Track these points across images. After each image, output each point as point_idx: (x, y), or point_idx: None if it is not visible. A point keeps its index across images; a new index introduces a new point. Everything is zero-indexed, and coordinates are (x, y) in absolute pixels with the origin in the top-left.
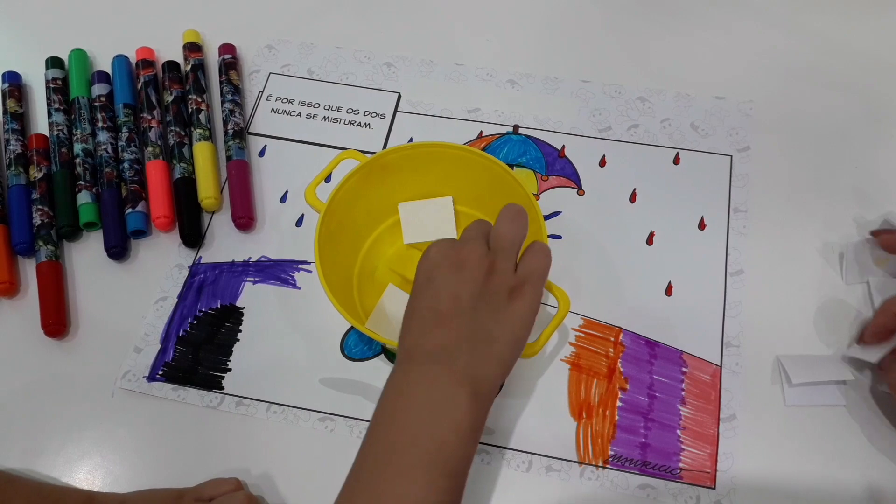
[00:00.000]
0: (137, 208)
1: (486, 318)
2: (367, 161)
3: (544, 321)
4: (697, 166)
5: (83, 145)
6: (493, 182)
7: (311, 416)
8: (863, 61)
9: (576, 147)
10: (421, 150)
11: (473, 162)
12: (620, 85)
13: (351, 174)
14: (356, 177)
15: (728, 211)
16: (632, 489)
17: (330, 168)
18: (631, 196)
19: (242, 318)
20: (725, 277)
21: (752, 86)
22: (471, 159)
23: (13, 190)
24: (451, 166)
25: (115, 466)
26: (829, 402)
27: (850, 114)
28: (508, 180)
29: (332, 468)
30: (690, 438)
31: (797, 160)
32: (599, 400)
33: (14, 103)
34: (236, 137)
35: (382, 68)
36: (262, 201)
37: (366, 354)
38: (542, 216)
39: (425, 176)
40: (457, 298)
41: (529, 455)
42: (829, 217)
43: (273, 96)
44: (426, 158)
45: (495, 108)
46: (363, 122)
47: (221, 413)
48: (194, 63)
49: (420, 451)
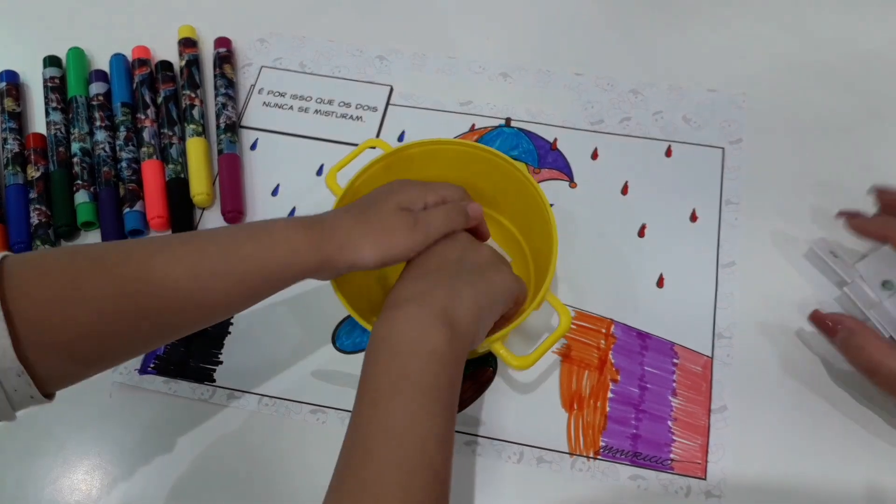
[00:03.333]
0: (135, 208)
1: (465, 275)
2: (391, 151)
3: (541, 334)
4: (689, 159)
5: (81, 144)
6: (512, 185)
7: (303, 409)
8: (856, 54)
9: (568, 140)
10: (446, 146)
11: (496, 165)
12: (613, 78)
13: (373, 162)
14: (378, 166)
15: (720, 203)
16: (623, 480)
17: (355, 153)
18: (623, 188)
19: None
20: (717, 269)
21: (745, 78)
22: (495, 162)
23: (10, 189)
24: (474, 166)
25: (112, 467)
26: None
27: (842, 106)
28: (528, 187)
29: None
30: (681, 430)
31: (789, 152)
32: (591, 391)
33: (12, 102)
34: (228, 131)
35: (374, 61)
36: (253, 195)
37: (357, 347)
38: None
39: (446, 173)
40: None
41: (520, 446)
42: (821, 209)
43: (265, 90)
44: (449, 156)
45: (487, 100)
46: (355, 116)
47: (213, 406)
48: (189, 58)
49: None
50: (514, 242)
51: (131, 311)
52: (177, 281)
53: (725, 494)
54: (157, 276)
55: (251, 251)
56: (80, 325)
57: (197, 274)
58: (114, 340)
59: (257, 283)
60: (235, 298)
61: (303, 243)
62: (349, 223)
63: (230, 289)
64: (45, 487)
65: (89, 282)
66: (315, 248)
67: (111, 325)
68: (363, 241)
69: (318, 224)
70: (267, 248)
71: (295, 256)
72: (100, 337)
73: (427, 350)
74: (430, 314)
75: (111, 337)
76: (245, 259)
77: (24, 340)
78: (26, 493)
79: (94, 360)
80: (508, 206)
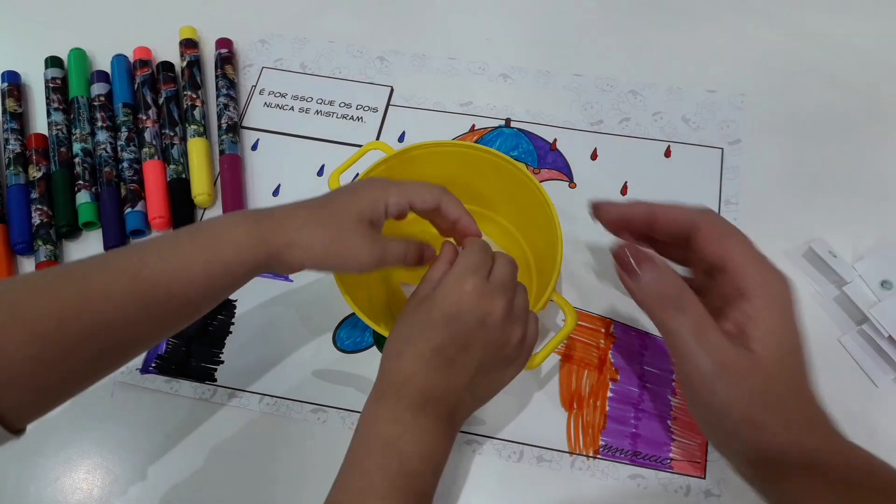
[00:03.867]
0: (136, 208)
1: (483, 376)
2: (393, 153)
3: (546, 333)
4: (688, 159)
5: (82, 145)
6: (514, 186)
7: (304, 408)
8: (855, 55)
9: (568, 140)
10: (447, 148)
11: (498, 166)
12: (612, 78)
13: (375, 165)
14: (380, 168)
15: (719, 203)
16: (622, 479)
17: (358, 156)
18: (622, 189)
19: (235, 310)
20: None
21: (744, 79)
22: (497, 163)
23: (12, 189)
24: (475, 168)
25: (114, 467)
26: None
27: (841, 106)
28: (531, 187)
29: (325, 459)
30: (681, 429)
31: (788, 153)
32: (590, 391)
33: (13, 103)
34: (230, 132)
35: (375, 62)
36: (254, 195)
37: (358, 346)
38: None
39: (447, 174)
40: (468, 351)
41: (520, 445)
42: (820, 209)
43: (266, 90)
44: (451, 157)
45: (487, 101)
46: (356, 116)
47: (214, 405)
48: (190, 59)
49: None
50: (515, 244)
51: (74, 331)
52: (121, 294)
53: (725, 494)
54: (97, 291)
55: (191, 253)
56: (26, 352)
57: (138, 284)
58: (65, 364)
59: (204, 284)
60: (185, 304)
61: (245, 239)
62: (301, 220)
63: (176, 294)
64: (46, 487)
65: (27, 307)
66: (259, 243)
67: (57, 349)
68: (314, 241)
69: (268, 218)
70: (206, 247)
71: (236, 253)
72: (50, 362)
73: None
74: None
75: (61, 361)
76: (189, 261)
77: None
78: (28, 493)
79: (52, 387)
80: (510, 207)
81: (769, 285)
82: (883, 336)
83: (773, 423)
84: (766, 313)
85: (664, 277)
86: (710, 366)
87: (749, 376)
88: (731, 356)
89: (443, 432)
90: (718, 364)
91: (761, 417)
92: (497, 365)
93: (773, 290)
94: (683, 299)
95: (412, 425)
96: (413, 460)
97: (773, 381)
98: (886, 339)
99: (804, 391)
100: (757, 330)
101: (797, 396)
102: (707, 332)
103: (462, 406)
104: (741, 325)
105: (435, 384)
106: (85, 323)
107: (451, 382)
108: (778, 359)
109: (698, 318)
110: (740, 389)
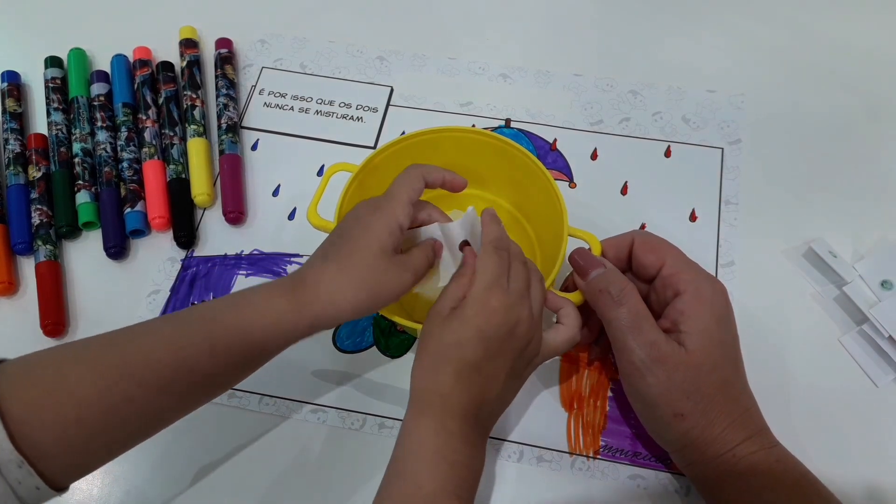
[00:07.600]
0: (136, 208)
1: (511, 380)
2: (357, 169)
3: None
4: (689, 159)
5: (82, 145)
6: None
7: (304, 408)
8: (855, 55)
9: (568, 140)
10: (452, 133)
11: (504, 151)
12: (612, 78)
13: (347, 185)
14: (352, 187)
15: (719, 203)
16: (622, 479)
17: (323, 186)
18: (622, 189)
19: None
20: (716, 269)
21: (744, 79)
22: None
23: (12, 189)
24: (480, 153)
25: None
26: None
27: (840, 106)
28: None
29: (325, 459)
30: None
31: (788, 152)
32: (590, 391)
33: (13, 102)
34: (229, 132)
35: (375, 62)
36: (254, 195)
37: (357, 347)
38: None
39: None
40: (499, 361)
41: (520, 445)
42: (820, 209)
43: (266, 90)
44: (455, 143)
45: (487, 101)
46: (356, 116)
47: (214, 405)
48: (190, 59)
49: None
50: (522, 232)
51: (117, 397)
52: (159, 361)
53: None
54: (139, 358)
55: (233, 321)
56: (68, 417)
57: (179, 350)
58: (107, 428)
59: (243, 352)
60: (222, 371)
61: (286, 309)
62: (332, 274)
63: (216, 361)
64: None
65: (72, 374)
66: (298, 313)
67: (99, 414)
68: (355, 297)
69: (300, 285)
70: (249, 317)
71: (279, 325)
72: (92, 427)
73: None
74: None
75: (103, 425)
76: (228, 329)
77: (23, 439)
78: None
79: (95, 450)
80: (516, 193)
81: (699, 283)
82: (883, 336)
83: (695, 416)
84: (695, 307)
85: (609, 275)
86: (644, 357)
87: (678, 369)
88: (663, 349)
89: (482, 440)
90: (651, 357)
91: (687, 409)
92: (522, 367)
93: (702, 288)
94: (623, 294)
95: (458, 436)
96: (461, 468)
97: (700, 374)
98: (886, 339)
99: (731, 386)
100: (686, 324)
101: (724, 390)
102: (642, 325)
103: (494, 413)
104: (674, 320)
105: (473, 396)
106: (125, 390)
107: (487, 394)
108: (707, 353)
109: (636, 312)
110: (670, 381)
